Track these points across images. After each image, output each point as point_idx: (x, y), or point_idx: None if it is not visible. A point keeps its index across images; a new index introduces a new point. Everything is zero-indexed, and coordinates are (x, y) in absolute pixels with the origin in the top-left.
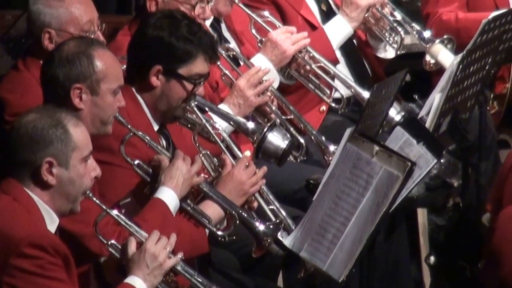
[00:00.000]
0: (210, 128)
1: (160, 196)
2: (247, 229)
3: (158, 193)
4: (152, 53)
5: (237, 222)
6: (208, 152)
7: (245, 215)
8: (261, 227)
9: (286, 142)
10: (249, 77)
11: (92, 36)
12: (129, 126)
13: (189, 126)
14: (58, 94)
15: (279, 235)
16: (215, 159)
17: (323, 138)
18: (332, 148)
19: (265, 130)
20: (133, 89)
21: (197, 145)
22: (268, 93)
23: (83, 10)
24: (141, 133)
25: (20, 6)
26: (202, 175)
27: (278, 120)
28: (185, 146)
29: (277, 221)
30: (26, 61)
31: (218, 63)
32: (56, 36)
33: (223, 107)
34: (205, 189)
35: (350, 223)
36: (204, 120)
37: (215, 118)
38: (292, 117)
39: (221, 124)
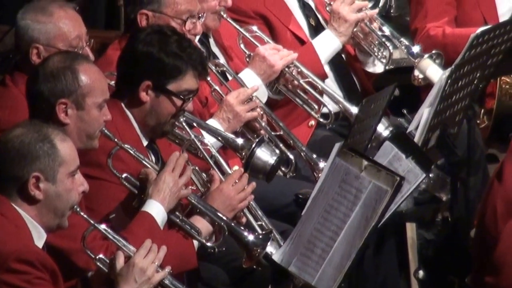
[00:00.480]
0: (198, 144)
1: (147, 209)
2: (236, 240)
3: (145, 206)
4: (142, 68)
5: (226, 233)
6: (197, 168)
7: (234, 225)
8: (250, 237)
9: (275, 157)
10: (239, 93)
11: (81, 52)
12: (115, 140)
13: (177, 141)
14: (44, 109)
15: (268, 250)
16: (203, 174)
17: (314, 155)
18: (321, 164)
19: (253, 145)
20: (122, 104)
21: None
22: (258, 109)
23: (72, 25)
24: (127, 146)
25: (8, 21)
26: (190, 187)
27: (267, 136)
28: None
29: (267, 231)
30: (14, 77)
31: (208, 78)
32: (44, 51)
33: (212, 122)
34: (193, 201)
35: (339, 237)
36: (192, 136)
37: (203, 133)
38: (281, 133)
39: (210, 140)
